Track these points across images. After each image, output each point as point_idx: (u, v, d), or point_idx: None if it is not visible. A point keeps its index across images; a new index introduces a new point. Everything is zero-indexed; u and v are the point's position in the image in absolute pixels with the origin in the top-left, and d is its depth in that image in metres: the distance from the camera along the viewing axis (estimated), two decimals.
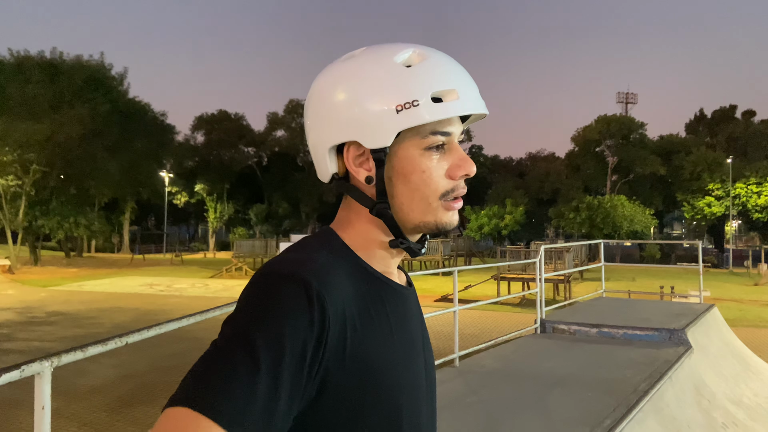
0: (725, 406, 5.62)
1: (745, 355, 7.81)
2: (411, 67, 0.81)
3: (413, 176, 0.82)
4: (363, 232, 0.86)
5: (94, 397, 8.54)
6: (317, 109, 0.86)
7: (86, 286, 24.40)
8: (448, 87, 0.81)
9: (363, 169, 0.84)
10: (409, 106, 0.79)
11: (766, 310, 18.29)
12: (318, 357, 0.71)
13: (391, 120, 0.79)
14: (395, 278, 0.89)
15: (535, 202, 48.70)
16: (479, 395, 4.65)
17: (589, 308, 8.61)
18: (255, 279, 0.75)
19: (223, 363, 0.66)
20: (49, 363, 1.93)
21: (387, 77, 0.81)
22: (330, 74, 0.86)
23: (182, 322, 2.54)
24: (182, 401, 0.64)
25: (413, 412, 0.82)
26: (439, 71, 0.82)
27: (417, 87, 0.80)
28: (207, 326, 6.56)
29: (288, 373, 0.67)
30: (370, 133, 0.81)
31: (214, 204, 52.77)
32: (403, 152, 0.82)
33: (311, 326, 0.70)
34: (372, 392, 0.76)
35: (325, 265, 0.77)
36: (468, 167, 0.84)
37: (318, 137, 0.86)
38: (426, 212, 0.84)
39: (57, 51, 37.59)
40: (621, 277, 26.37)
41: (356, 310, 0.77)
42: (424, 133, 0.82)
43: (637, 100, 65.08)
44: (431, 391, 0.91)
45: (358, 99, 0.81)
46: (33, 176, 32.23)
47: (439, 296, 18.89)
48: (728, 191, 43.41)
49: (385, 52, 0.83)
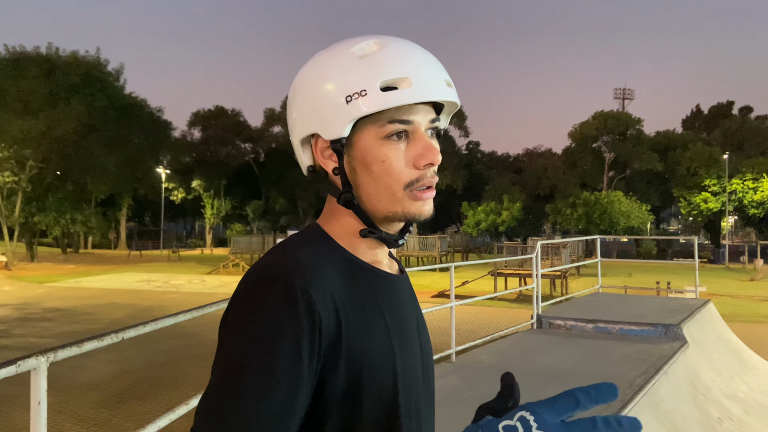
0: (720, 400, 5.65)
1: (740, 350, 7.84)
2: (364, 58, 0.82)
3: (374, 166, 0.83)
4: (345, 224, 0.87)
5: (90, 393, 8.54)
6: (290, 103, 0.89)
7: (83, 283, 24.38)
8: (400, 75, 0.80)
9: (330, 161, 0.86)
10: (357, 96, 0.80)
11: (762, 305, 18.36)
12: (315, 351, 0.73)
13: (342, 110, 0.81)
14: (385, 267, 0.90)
15: (532, 198, 48.75)
16: (476, 390, 4.67)
17: (586, 304, 8.63)
18: (241, 286, 0.77)
19: (229, 394, 0.69)
20: (45, 358, 1.93)
21: (340, 69, 0.82)
22: (301, 70, 0.89)
23: (179, 317, 2.55)
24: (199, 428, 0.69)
25: (410, 396, 0.83)
26: (393, 60, 0.81)
27: (366, 77, 0.80)
28: (203, 322, 6.56)
29: (285, 377, 0.70)
30: (327, 124, 0.82)
31: (211, 200, 52.69)
32: (362, 142, 0.83)
33: (299, 326, 0.72)
34: (368, 378, 0.77)
35: (310, 261, 0.78)
36: (432, 156, 0.83)
37: (291, 130, 0.90)
38: (392, 202, 0.84)
39: (53, 47, 37.61)
40: (617, 272, 26.43)
41: (346, 300, 0.78)
42: (381, 121, 0.82)
43: (634, 96, 65.14)
44: (428, 376, 0.92)
45: (317, 91, 0.83)
46: (29, 172, 32.15)
47: (436, 292, 18.91)
48: (724, 187, 43.53)
49: (344, 45, 0.85)
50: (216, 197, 52.69)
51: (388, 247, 0.90)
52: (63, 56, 37.19)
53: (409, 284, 0.96)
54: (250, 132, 52.53)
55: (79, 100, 34.03)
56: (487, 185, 50.70)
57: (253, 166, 52.60)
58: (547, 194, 48.87)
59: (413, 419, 0.84)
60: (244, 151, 53.14)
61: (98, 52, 39.01)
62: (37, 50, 36.83)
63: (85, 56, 38.11)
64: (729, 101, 55.43)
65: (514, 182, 49.47)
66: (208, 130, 51.48)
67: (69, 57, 37.28)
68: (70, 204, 36.20)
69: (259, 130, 52.74)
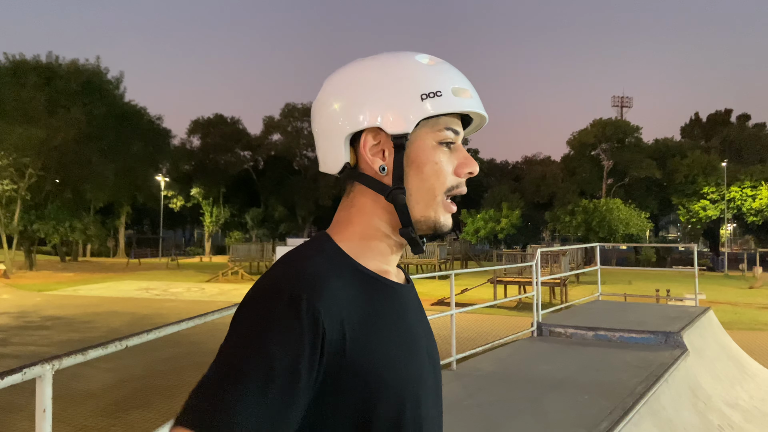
0: (721, 408, 5.64)
1: (740, 358, 7.84)
2: (430, 66, 0.88)
3: (426, 167, 0.86)
4: (363, 230, 0.88)
5: (90, 402, 8.51)
6: (336, 97, 0.89)
7: (81, 291, 24.32)
8: (463, 86, 0.87)
9: (378, 158, 0.87)
10: (433, 95, 0.84)
11: (761, 313, 18.34)
12: (315, 366, 0.73)
13: (416, 107, 0.84)
14: (392, 277, 0.91)
15: (531, 206, 48.76)
16: (476, 398, 4.67)
17: (586, 311, 8.63)
18: (248, 297, 0.78)
19: (220, 384, 0.70)
20: (50, 366, 1.94)
21: (411, 70, 0.87)
22: (350, 68, 0.90)
23: (182, 325, 2.55)
24: (187, 423, 0.68)
25: (417, 405, 0.83)
26: (455, 72, 0.89)
27: (440, 80, 0.86)
28: (203, 330, 6.55)
29: (280, 389, 0.70)
30: (394, 119, 0.84)
31: (210, 208, 52.65)
32: (420, 142, 0.86)
33: (300, 341, 0.72)
34: (374, 389, 0.78)
35: (317, 273, 0.78)
36: (473, 166, 0.89)
37: (334, 125, 0.89)
38: (429, 206, 0.87)
39: (53, 55, 37.57)
40: (617, 280, 26.42)
41: (353, 311, 0.78)
42: (439, 127, 0.86)
43: (632, 104, 65.40)
44: (437, 384, 0.93)
45: (383, 87, 0.86)
46: (28, 180, 32.11)
47: (435, 300, 18.88)
48: (723, 195, 43.58)
49: (405, 54, 0.89)
50: (215, 205, 52.65)
51: (413, 252, 0.93)
52: (63, 64, 37.20)
53: (416, 294, 0.97)
54: (249, 140, 52.54)
55: (78, 108, 34.02)
56: (486, 193, 50.75)
57: (252, 173, 52.59)
58: (546, 202, 48.88)
59: (423, 428, 0.84)
60: (243, 158, 53.12)
61: (98, 61, 39.01)
62: (36, 58, 36.83)
63: (85, 64, 38.14)
64: (727, 109, 55.60)
65: (513, 190, 49.48)
66: (207, 138, 51.47)
67: (69, 65, 37.30)
68: (69, 212, 36.12)
69: (258, 137, 52.76)
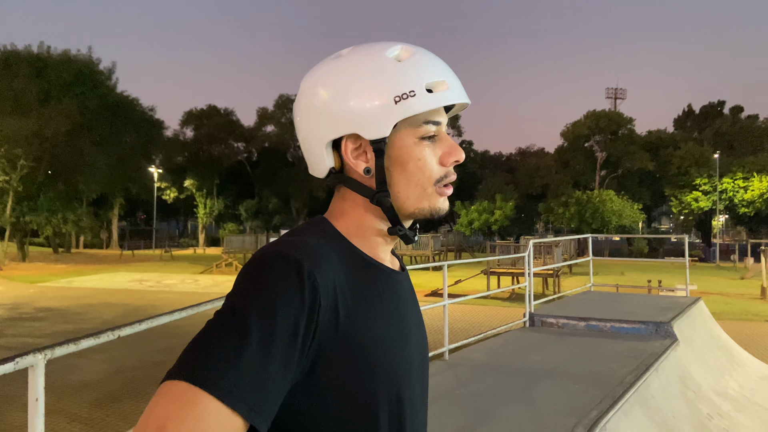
0: (710, 397, 5.70)
1: (730, 348, 7.91)
2: (402, 62, 0.86)
3: (409, 164, 0.87)
4: (357, 221, 0.90)
5: (83, 393, 8.52)
6: (311, 106, 0.89)
7: (75, 282, 24.26)
8: (438, 78, 0.86)
9: (361, 161, 0.88)
10: (407, 96, 0.83)
11: (752, 303, 18.51)
12: (310, 333, 0.74)
13: (390, 110, 0.84)
14: (388, 263, 0.92)
15: (524, 198, 48.85)
16: (468, 388, 4.70)
17: (578, 302, 8.68)
18: (251, 260, 0.78)
19: (219, 338, 0.70)
20: (43, 356, 1.95)
21: (382, 71, 0.85)
22: (321, 72, 0.89)
23: (174, 315, 2.56)
24: (179, 375, 0.68)
25: (404, 387, 0.85)
26: (428, 65, 0.87)
27: (411, 79, 0.85)
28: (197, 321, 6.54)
29: (281, 348, 0.71)
30: (370, 124, 0.84)
31: (203, 199, 52.51)
32: (399, 142, 0.87)
33: (302, 304, 0.73)
34: (363, 367, 0.79)
35: (318, 247, 0.80)
36: (458, 153, 0.89)
37: (313, 133, 0.89)
38: (421, 198, 0.89)
39: (44, 45, 37.23)
40: (609, 271, 26.58)
41: (348, 289, 0.80)
42: (417, 123, 0.86)
43: (625, 96, 65.47)
44: (423, 371, 0.94)
45: (355, 93, 0.85)
46: (20, 171, 31.91)
47: (429, 291, 18.94)
48: (715, 186, 43.77)
49: (375, 49, 0.87)
50: (209, 196, 52.51)
51: (405, 243, 0.95)
52: (54, 55, 36.86)
53: (409, 281, 0.99)
54: (243, 131, 52.36)
55: (70, 99, 33.80)
56: (480, 184, 50.79)
57: (246, 165, 52.44)
58: (540, 193, 49.00)
59: (407, 411, 0.86)
60: (237, 150, 52.98)
61: (90, 51, 38.70)
62: (28, 49, 36.52)
63: (77, 55, 37.80)
64: (720, 101, 55.71)
65: (506, 181, 49.55)
66: (200, 130, 51.26)
67: (61, 56, 36.97)
68: (61, 203, 35.95)
69: (252, 129, 52.61)
